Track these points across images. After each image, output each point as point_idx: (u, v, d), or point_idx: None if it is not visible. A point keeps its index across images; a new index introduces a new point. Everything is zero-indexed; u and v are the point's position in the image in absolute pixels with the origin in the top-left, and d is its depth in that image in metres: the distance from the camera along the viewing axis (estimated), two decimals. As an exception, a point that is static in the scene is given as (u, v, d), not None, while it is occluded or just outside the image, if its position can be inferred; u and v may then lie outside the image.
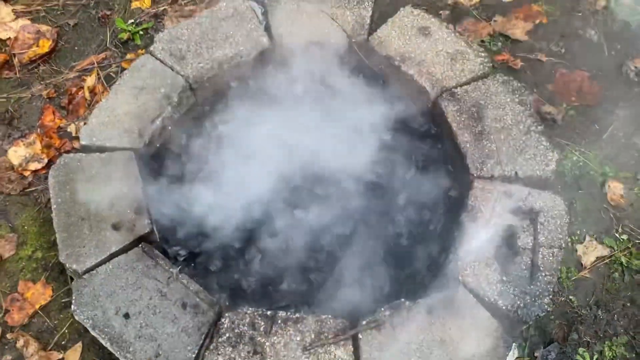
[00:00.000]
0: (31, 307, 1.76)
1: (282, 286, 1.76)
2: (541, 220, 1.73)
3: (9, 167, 2.03)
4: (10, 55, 2.29)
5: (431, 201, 1.85)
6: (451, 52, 2.11)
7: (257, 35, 2.15)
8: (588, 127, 2.16)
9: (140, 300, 1.60)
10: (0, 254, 1.86)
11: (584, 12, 2.46)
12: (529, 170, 1.83)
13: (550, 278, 1.64)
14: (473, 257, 1.67)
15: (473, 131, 1.91)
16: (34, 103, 2.19)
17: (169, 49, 2.10)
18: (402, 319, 1.57)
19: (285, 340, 1.54)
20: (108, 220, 1.73)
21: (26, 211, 1.96)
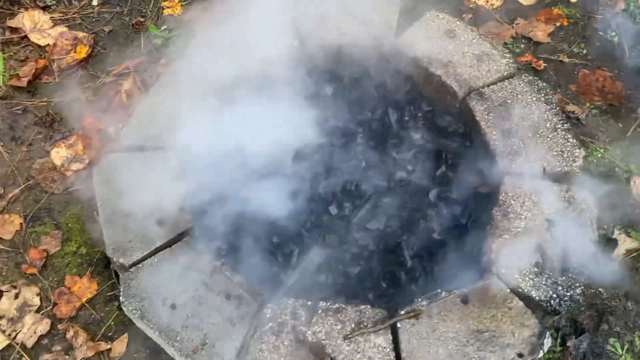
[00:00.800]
0: (78, 300, 1.83)
1: (321, 279, 1.82)
2: (571, 214, 1.78)
3: (52, 168, 2.11)
4: (50, 61, 2.38)
5: (463, 197, 1.90)
6: (477, 53, 2.17)
7: (287, 39, 2.22)
8: (611, 125, 2.21)
9: (185, 292, 1.67)
10: (47, 249, 1.93)
11: (604, 15, 2.52)
12: (557, 166, 1.88)
13: (581, 270, 1.69)
14: (506, 250, 1.72)
15: (501, 129, 1.97)
16: (74, 106, 2.27)
17: (203, 54, 2.18)
18: (439, 309, 1.63)
19: (327, 330, 1.59)
20: (152, 216, 1.80)
21: (69, 209, 2.04)
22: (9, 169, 2.12)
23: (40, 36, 2.45)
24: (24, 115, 2.26)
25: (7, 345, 1.76)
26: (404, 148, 2.09)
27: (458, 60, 2.15)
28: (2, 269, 1.90)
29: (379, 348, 1.56)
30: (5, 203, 2.03)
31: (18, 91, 2.31)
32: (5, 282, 1.87)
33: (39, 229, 1.99)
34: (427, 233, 1.86)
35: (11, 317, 1.80)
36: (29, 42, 2.44)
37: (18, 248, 1.94)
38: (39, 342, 1.77)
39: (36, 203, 2.04)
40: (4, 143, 2.18)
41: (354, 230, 1.92)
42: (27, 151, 2.17)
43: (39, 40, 2.44)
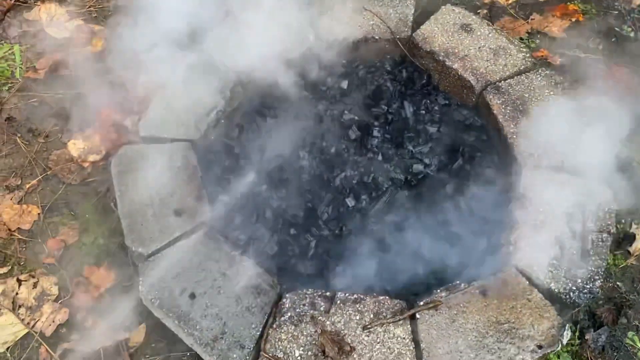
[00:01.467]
0: (96, 290, 1.83)
1: (339, 269, 1.82)
2: (589, 207, 1.77)
3: (69, 159, 2.12)
4: (66, 53, 2.39)
5: (481, 190, 1.90)
6: (493, 47, 2.17)
7: (303, 32, 2.23)
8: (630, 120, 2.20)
9: (204, 282, 1.67)
10: (65, 240, 1.94)
11: (620, 10, 2.51)
12: (576, 160, 1.87)
13: (600, 262, 1.69)
14: (524, 243, 1.72)
15: (519, 122, 1.96)
16: (90, 99, 2.27)
17: (220, 47, 2.19)
18: (458, 300, 1.63)
19: (345, 320, 1.59)
20: (170, 206, 1.81)
21: (86, 200, 2.04)
22: (27, 160, 2.13)
23: (57, 29, 2.46)
24: (41, 107, 2.27)
25: (26, 333, 1.76)
26: (421, 141, 2.09)
27: (474, 54, 2.15)
28: (21, 258, 1.91)
29: (399, 339, 1.56)
30: (23, 194, 2.04)
31: (35, 83, 2.32)
32: (24, 272, 1.87)
33: (56, 219, 2.00)
34: (444, 226, 1.85)
35: (30, 305, 1.81)
36: (46, 35, 2.45)
37: (36, 238, 1.95)
38: (57, 331, 1.77)
39: (54, 194, 2.05)
40: (21, 134, 2.19)
41: (371, 222, 1.92)
42: (44, 143, 2.18)
43: (55, 33, 2.45)
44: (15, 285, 1.83)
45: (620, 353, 1.72)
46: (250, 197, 1.94)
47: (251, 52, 2.17)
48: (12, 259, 1.91)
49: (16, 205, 2.00)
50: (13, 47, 2.41)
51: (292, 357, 1.54)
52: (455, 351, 1.55)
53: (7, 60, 2.38)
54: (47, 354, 1.72)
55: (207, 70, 2.13)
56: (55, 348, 1.74)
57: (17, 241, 1.94)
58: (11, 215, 1.97)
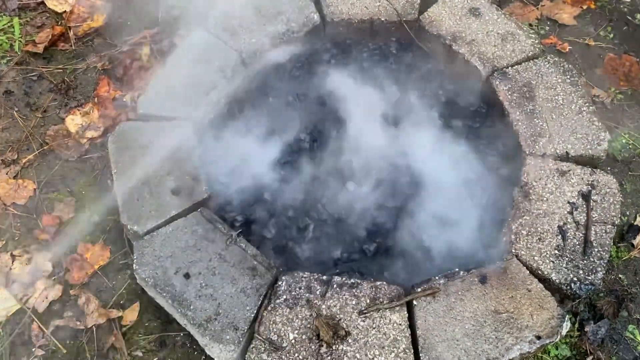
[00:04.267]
0: (90, 268, 1.81)
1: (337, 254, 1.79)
2: (594, 198, 1.74)
3: (67, 135, 2.09)
4: (66, 28, 2.35)
5: (484, 177, 1.87)
6: (502, 32, 2.12)
7: (308, 12, 2.18)
8: (637, 110, 2.16)
9: (199, 262, 1.64)
10: (60, 216, 1.91)
11: (633, -2, 2.46)
12: (581, 149, 1.84)
13: (603, 254, 1.65)
14: (526, 231, 1.68)
15: (525, 109, 1.92)
16: (89, 74, 2.24)
17: (222, 25, 2.15)
18: (457, 287, 1.60)
19: (341, 304, 1.57)
20: (167, 185, 1.77)
21: (83, 177, 2.02)
22: (23, 134, 2.10)
23: (57, 3, 2.42)
24: (39, 81, 2.23)
25: (19, 309, 1.75)
26: (424, 126, 2.04)
27: (482, 39, 2.10)
28: (15, 233, 1.89)
29: (394, 325, 1.54)
30: (19, 168, 2.01)
31: (34, 57, 2.29)
32: (17, 247, 1.85)
33: (52, 195, 1.97)
34: (446, 212, 1.82)
35: (23, 281, 1.79)
36: (46, 8, 2.42)
37: (31, 214, 1.93)
38: (50, 307, 1.76)
39: (50, 169, 2.03)
40: (18, 109, 2.16)
41: (371, 207, 1.89)
42: (41, 117, 2.15)
43: (55, 6, 2.41)
44: (9, 260, 1.82)
45: (619, 346, 1.70)
46: (249, 178, 1.90)
47: (254, 30, 2.13)
48: (6, 234, 1.89)
49: (12, 180, 1.97)
50: (12, 19, 2.37)
51: (286, 340, 1.51)
52: (451, 339, 1.52)
53: (6, 33, 2.34)
54: (39, 330, 1.71)
55: (209, 49, 2.08)
56: (47, 324, 1.72)
57: (12, 216, 1.92)
58: (6, 190, 1.95)
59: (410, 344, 1.52)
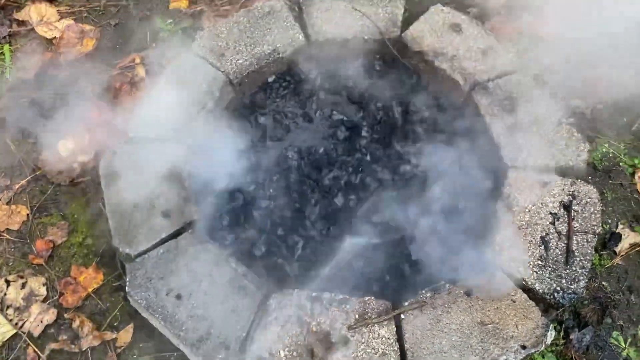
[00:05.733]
0: (84, 291, 1.84)
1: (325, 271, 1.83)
2: (575, 208, 1.78)
3: (59, 159, 2.12)
4: (57, 53, 2.39)
5: (467, 190, 1.91)
6: (482, 47, 2.17)
7: (293, 33, 2.23)
8: (616, 120, 2.21)
9: (191, 283, 1.68)
10: (53, 240, 1.94)
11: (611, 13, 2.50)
12: (562, 161, 1.88)
13: (585, 263, 1.70)
14: (509, 243, 1.72)
15: (506, 123, 1.97)
16: (80, 98, 2.28)
17: (209, 47, 2.19)
18: (443, 300, 1.64)
19: (331, 320, 1.60)
20: (157, 207, 1.81)
21: (75, 200, 2.05)
22: (16, 160, 2.13)
23: (47, 29, 2.46)
24: (31, 107, 2.27)
25: (14, 334, 1.77)
26: (409, 142, 2.09)
27: (463, 54, 2.15)
28: (9, 259, 1.92)
29: (383, 339, 1.57)
30: (12, 194, 2.04)
31: (25, 83, 2.32)
32: (12, 272, 1.88)
33: (45, 219, 2.00)
34: (431, 226, 1.86)
35: (18, 306, 1.82)
36: (36, 34, 2.46)
37: (25, 238, 1.96)
38: (45, 331, 1.78)
39: (43, 194, 2.06)
40: (11, 134, 2.20)
41: (358, 222, 1.93)
42: (33, 143, 2.18)
43: (45, 33, 2.45)
44: (4, 285, 1.84)
45: (604, 353, 1.73)
46: (239, 198, 1.94)
47: (240, 52, 2.17)
48: (0, 259, 1.91)
49: (5, 206, 2.00)
50: (3, 47, 2.41)
51: (278, 358, 1.55)
52: (439, 351, 1.56)
53: (-3, 60, 2.38)
54: (34, 355, 1.74)
55: (196, 70, 2.13)
56: (43, 348, 1.75)
57: (6, 242, 1.95)
58: (0, 216, 1.98)
59: (399, 358, 1.55)
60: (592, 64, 2.17)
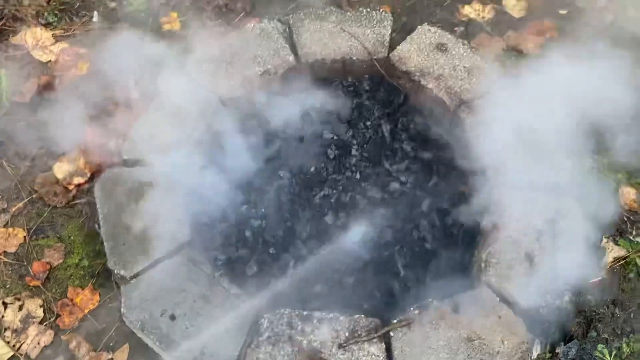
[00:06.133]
0: (80, 312, 1.88)
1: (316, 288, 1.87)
2: (559, 223, 1.83)
3: (54, 182, 2.16)
4: (52, 77, 2.44)
5: (454, 207, 1.95)
6: (468, 66, 2.23)
7: (283, 54, 2.28)
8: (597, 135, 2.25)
9: (184, 303, 1.72)
10: (50, 262, 1.98)
11: (594, 26, 2.57)
12: (547, 177, 1.93)
13: (569, 278, 1.74)
14: (495, 259, 1.77)
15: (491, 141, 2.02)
16: (75, 121, 2.32)
17: (202, 68, 2.24)
18: (431, 317, 1.68)
19: (322, 339, 1.64)
20: (151, 228, 1.85)
21: (71, 222, 2.09)
22: (13, 183, 2.17)
23: (43, 53, 2.51)
24: (27, 130, 2.31)
25: (12, 356, 1.80)
26: (397, 159, 2.14)
27: (449, 73, 2.21)
28: (6, 281, 1.95)
29: (373, 356, 1.61)
30: (9, 217, 2.08)
31: (21, 107, 2.36)
32: (9, 295, 1.92)
33: (42, 241, 2.04)
34: (419, 243, 1.91)
35: (15, 328, 1.85)
36: (32, 58, 2.50)
37: (22, 261, 2.00)
38: (42, 352, 1.82)
39: (39, 216, 2.10)
40: (7, 158, 2.24)
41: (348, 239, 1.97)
42: (29, 166, 2.22)
43: (41, 56, 2.50)
44: (1, 308, 1.88)
45: (590, 366, 1.77)
46: (231, 218, 1.99)
47: (232, 73, 2.22)
48: (-2, 282, 1.96)
49: (2, 229, 2.04)
50: (0, 71, 2.46)
51: (270, 376, 1.59)
52: (427, 368, 1.60)
53: (-6, 84, 2.43)
54: (32, 376, 1.77)
55: (189, 92, 2.18)
56: (40, 370, 1.78)
57: (3, 264, 1.99)
58: (-3, 239, 2.02)
59: (388, 375, 1.59)
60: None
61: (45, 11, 2.64)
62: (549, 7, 2.65)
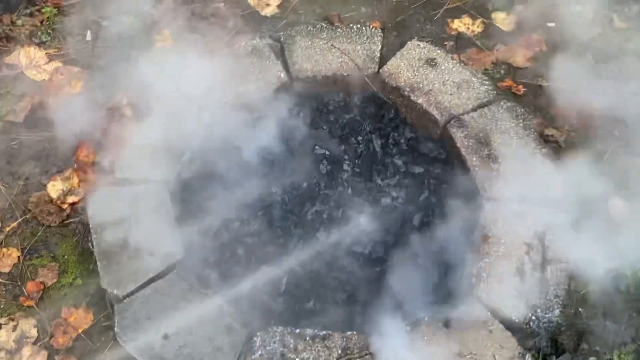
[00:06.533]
0: (74, 331, 1.88)
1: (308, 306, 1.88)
2: (549, 237, 1.85)
3: (48, 201, 2.17)
4: (45, 95, 2.46)
5: (444, 222, 1.97)
6: (457, 81, 2.25)
7: (275, 71, 2.31)
8: (590, 147, 2.28)
9: (177, 322, 1.73)
10: (44, 282, 1.99)
11: (581, 39, 2.60)
12: (536, 191, 1.95)
13: (559, 291, 1.76)
14: (486, 274, 1.78)
15: (481, 155, 2.04)
16: (69, 140, 2.33)
17: (194, 87, 2.26)
18: (423, 333, 1.69)
19: (314, 356, 1.65)
20: (144, 247, 1.86)
21: (65, 241, 2.10)
22: (7, 202, 2.18)
23: (36, 72, 2.53)
24: (21, 149, 2.33)
25: (6, 377, 1.81)
26: (388, 174, 2.16)
27: (439, 88, 2.23)
28: (1, 301, 1.96)
29: (365, 373, 1.62)
30: (3, 237, 2.09)
31: (15, 126, 2.38)
32: (3, 315, 1.92)
33: (36, 261, 2.05)
34: (411, 258, 1.92)
35: (9, 349, 1.85)
36: (25, 77, 2.52)
37: (16, 281, 2.00)
38: (36, 373, 1.82)
39: (33, 236, 2.11)
40: (1, 177, 2.25)
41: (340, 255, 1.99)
42: (23, 185, 2.23)
43: (34, 75, 2.52)
44: (-5, 328, 1.89)
45: (581, 378, 1.78)
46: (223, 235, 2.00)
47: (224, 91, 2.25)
48: (-8, 302, 1.96)
49: (-4, 249, 2.05)
50: (-7, 91, 2.48)
51: (263, 395, 1.59)
52: (419, 384, 1.61)
53: (-13, 104, 2.45)
54: (26, 397, 1.77)
55: (182, 110, 2.20)
56: (34, 390, 1.79)
57: (-3, 284, 2.00)
58: (-9, 259, 2.03)
59: (380, 391, 1.60)
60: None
61: (39, 30, 2.66)
62: (538, 21, 2.68)
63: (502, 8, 2.72)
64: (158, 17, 2.70)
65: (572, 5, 2.70)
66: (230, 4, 2.74)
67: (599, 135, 2.30)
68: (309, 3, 2.76)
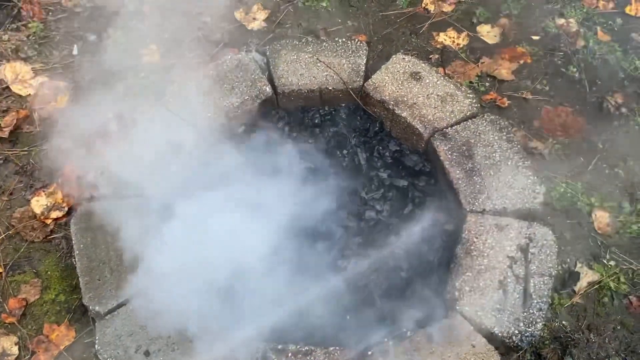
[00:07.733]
0: (56, 349, 1.87)
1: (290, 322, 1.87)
2: (532, 250, 1.85)
3: (32, 216, 2.17)
4: (31, 110, 2.46)
5: (427, 235, 1.97)
6: (441, 94, 2.26)
7: (260, 85, 2.32)
8: (573, 159, 2.29)
9: (159, 339, 1.71)
10: (26, 298, 1.98)
11: (566, 52, 2.63)
12: (518, 204, 1.96)
13: (542, 305, 1.76)
14: (469, 287, 1.78)
15: (464, 168, 2.05)
16: (54, 155, 2.33)
17: (179, 101, 2.27)
18: (406, 347, 1.68)
19: (296, 372, 1.64)
20: (126, 264, 1.86)
21: (49, 257, 2.09)
22: (-10, 218, 2.17)
23: (22, 87, 2.53)
24: (5, 164, 2.32)
25: (-14, 395, 1.79)
26: (373, 187, 2.16)
27: (423, 101, 2.24)
28: (-18, 319, 1.95)
29: (347, 389, 1.61)
30: (-14, 253, 2.08)
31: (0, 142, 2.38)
32: (-16, 332, 1.91)
33: (18, 277, 2.04)
34: (394, 272, 1.92)
35: (-10, 367, 1.84)
36: (11, 92, 2.52)
37: (-2, 297, 1.99)
38: (17, 391, 1.81)
39: (16, 252, 2.10)
40: (-15, 193, 2.24)
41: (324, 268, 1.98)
42: (7, 200, 2.23)
43: (20, 90, 2.52)
44: (-24, 346, 1.87)
45: (566, 392, 1.78)
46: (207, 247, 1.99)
47: (210, 105, 2.25)
48: (-27, 319, 1.94)
49: (-22, 265, 2.04)
50: (-21, 106, 2.47)
51: (244, 412, 1.58)
52: (402, 399, 1.60)
53: (-27, 119, 2.44)
54: (6, 416, 1.75)
55: (168, 125, 2.20)
56: (14, 409, 1.77)
57: (-21, 301, 1.98)
58: (-27, 276, 2.01)
59: (362, 408, 1.59)
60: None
61: (25, 45, 2.67)
62: (523, 33, 2.71)
63: (487, 21, 2.76)
64: (145, 32, 2.71)
65: (557, 18, 2.73)
66: (217, 19, 2.76)
67: (583, 146, 2.32)
68: (295, 17, 2.78)
